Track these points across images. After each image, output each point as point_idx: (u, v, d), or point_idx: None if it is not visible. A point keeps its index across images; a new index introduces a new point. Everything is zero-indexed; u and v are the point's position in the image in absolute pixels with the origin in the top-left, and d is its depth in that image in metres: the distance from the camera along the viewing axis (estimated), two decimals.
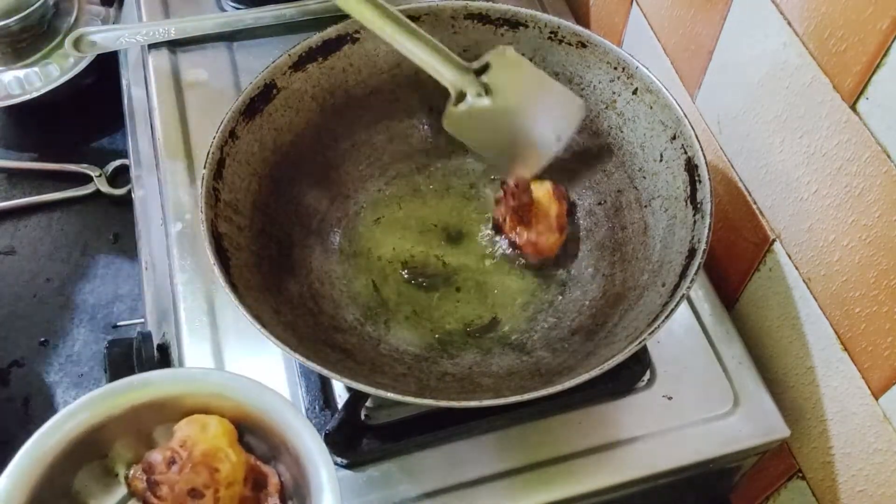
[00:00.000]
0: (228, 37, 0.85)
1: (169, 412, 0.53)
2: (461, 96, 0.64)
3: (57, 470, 0.50)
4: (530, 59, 0.67)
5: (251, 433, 0.54)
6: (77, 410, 0.51)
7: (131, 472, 0.53)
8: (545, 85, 0.65)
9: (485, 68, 0.64)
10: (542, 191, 0.65)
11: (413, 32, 0.62)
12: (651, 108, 0.63)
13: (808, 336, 0.62)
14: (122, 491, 0.54)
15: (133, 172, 0.88)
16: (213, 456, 0.51)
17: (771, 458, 0.69)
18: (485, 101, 0.64)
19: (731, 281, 0.71)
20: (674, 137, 0.61)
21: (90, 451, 0.52)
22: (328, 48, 0.65)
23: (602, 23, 0.86)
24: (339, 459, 0.60)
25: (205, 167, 0.58)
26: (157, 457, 0.51)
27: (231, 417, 0.53)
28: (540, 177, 0.66)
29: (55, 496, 0.51)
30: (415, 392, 0.51)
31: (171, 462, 0.51)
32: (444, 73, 0.63)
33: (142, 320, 0.79)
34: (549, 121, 0.65)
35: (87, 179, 0.98)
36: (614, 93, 0.65)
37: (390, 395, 0.50)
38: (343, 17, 0.67)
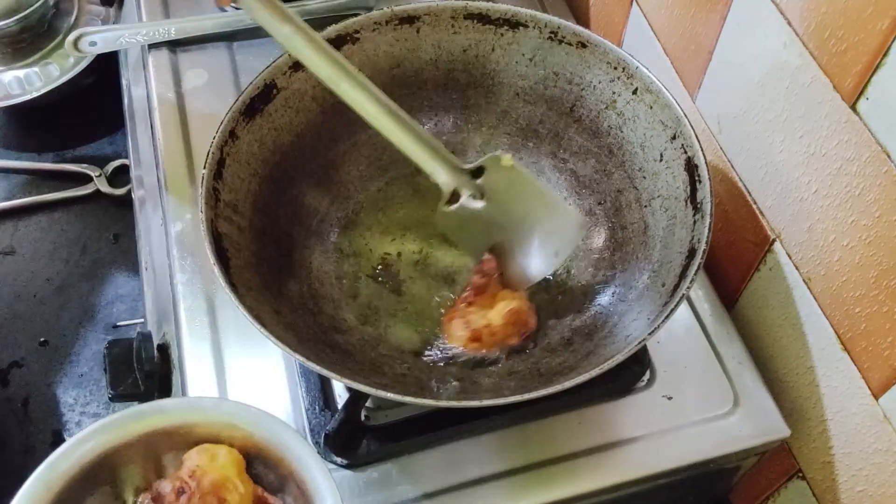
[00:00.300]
0: (228, 37, 0.85)
1: (179, 440, 0.53)
2: (454, 196, 0.61)
3: (66, 496, 0.51)
4: (530, 60, 0.67)
5: (260, 463, 0.54)
6: (89, 437, 0.52)
7: (140, 499, 0.53)
8: (544, 197, 0.62)
9: (480, 171, 0.61)
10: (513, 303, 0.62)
11: (411, 128, 0.59)
12: (651, 108, 0.63)
13: (808, 336, 0.62)
14: None
15: (133, 172, 0.88)
16: (221, 486, 0.51)
17: (771, 458, 0.69)
18: (478, 205, 0.62)
19: (731, 281, 0.71)
20: (674, 137, 0.61)
21: (99, 477, 0.52)
22: None
23: (602, 23, 0.86)
24: (338, 460, 0.60)
25: (205, 167, 0.58)
26: (166, 487, 0.52)
27: (240, 447, 0.53)
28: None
29: None
30: (415, 392, 0.51)
31: (180, 492, 0.51)
32: (439, 171, 0.61)
33: (142, 320, 0.79)
34: (547, 235, 0.62)
35: (87, 179, 0.98)
36: (614, 93, 0.65)
37: (390, 395, 0.50)
38: (343, 17, 0.67)
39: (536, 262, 0.62)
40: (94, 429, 0.52)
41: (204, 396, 0.62)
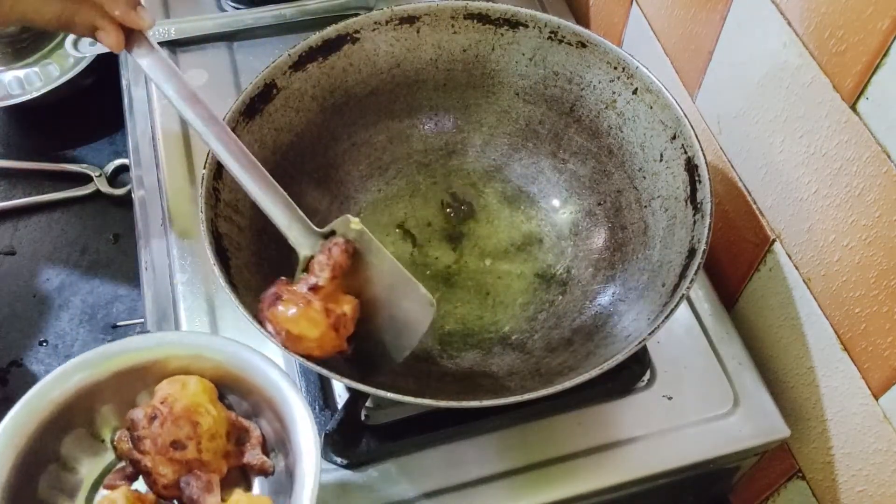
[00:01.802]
0: (228, 37, 0.85)
1: (151, 377, 0.55)
2: (309, 262, 0.54)
3: (43, 435, 0.52)
4: (530, 60, 0.67)
5: (231, 393, 0.56)
6: (59, 377, 0.53)
7: (116, 435, 0.54)
8: (394, 271, 0.54)
9: (332, 235, 0.55)
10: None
11: (272, 188, 0.55)
12: (651, 108, 0.63)
13: (808, 336, 0.62)
14: (109, 456, 0.56)
15: (133, 172, 0.88)
16: (193, 410, 0.52)
17: (771, 459, 0.69)
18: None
19: (731, 281, 0.71)
20: (674, 137, 0.61)
21: (76, 418, 0.54)
22: (328, 48, 0.65)
23: (602, 23, 0.86)
24: (338, 459, 0.60)
25: (205, 167, 0.58)
26: (138, 413, 0.53)
27: (211, 377, 0.55)
28: None
29: (43, 461, 0.53)
30: (414, 392, 0.51)
31: (152, 417, 0.52)
32: (291, 232, 0.55)
33: (142, 320, 0.79)
34: (396, 318, 0.54)
35: (87, 179, 0.98)
36: (614, 93, 0.65)
37: (390, 395, 0.50)
38: (343, 17, 0.67)
39: (390, 341, 0.55)
40: (63, 369, 0.53)
41: (171, 331, 0.63)
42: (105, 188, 0.97)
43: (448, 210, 0.71)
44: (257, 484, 0.56)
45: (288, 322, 0.51)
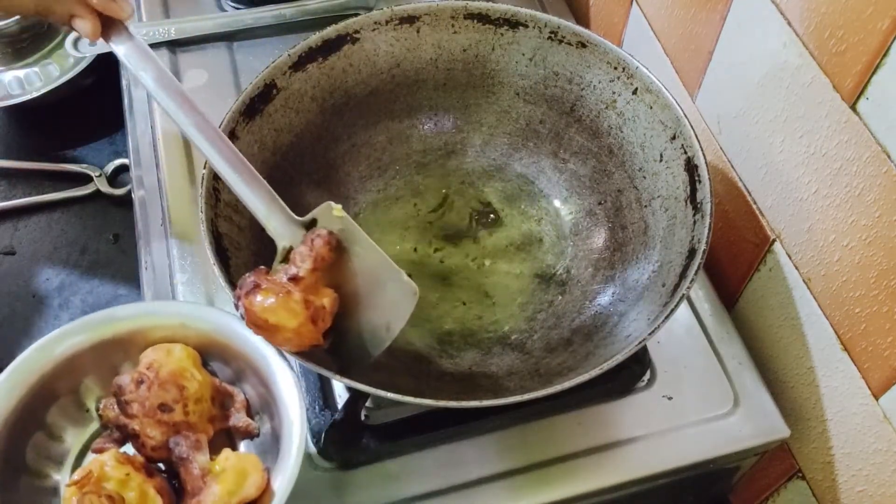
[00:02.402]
0: (228, 37, 0.85)
1: (134, 348, 0.56)
2: (288, 253, 0.53)
3: (29, 403, 0.53)
4: (530, 60, 0.67)
5: (214, 360, 0.58)
6: (45, 346, 0.54)
7: (101, 403, 0.55)
8: (377, 258, 0.53)
9: (312, 225, 0.54)
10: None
11: (246, 169, 0.54)
12: (651, 108, 0.63)
13: (808, 336, 0.62)
14: (95, 425, 0.57)
15: (133, 172, 0.88)
16: (179, 375, 0.54)
17: (771, 459, 0.69)
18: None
19: (731, 281, 0.71)
20: (674, 137, 0.61)
21: (61, 387, 0.55)
22: (328, 48, 0.65)
23: (602, 23, 0.86)
24: (338, 459, 0.60)
25: (205, 167, 0.58)
26: (125, 378, 0.54)
27: (194, 346, 0.56)
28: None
29: (30, 428, 0.54)
30: (414, 392, 0.51)
31: (139, 382, 0.53)
32: (271, 222, 0.54)
33: None
34: (380, 304, 0.53)
35: (87, 179, 0.98)
36: (614, 93, 0.65)
37: (390, 395, 0.50)
38: (343, 16, 0.67)
39: (368, 337, 0.54)
40: (48, 339, 0.55)
41: (157, 301, 0.64)
42: (105, 188, 0.97)
43: (448, 209, 0.71)
44: (243, 447, 0.58)
45: (266, 311, 0.50)
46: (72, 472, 0.55)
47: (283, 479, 0.51)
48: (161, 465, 0.55)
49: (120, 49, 0.57)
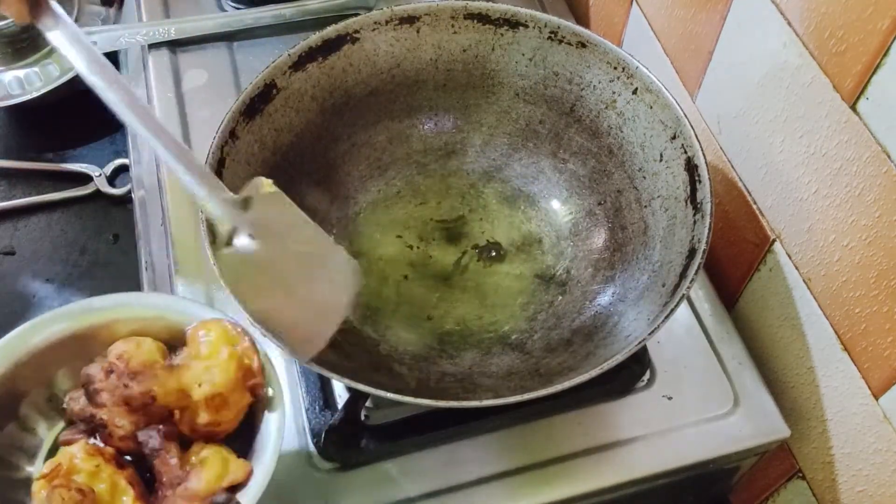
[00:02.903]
0: (228, 37, 0.85)
1: (107, 339, 0.55)
2: (230, 236, 0.51)
3: (1, 394, 0.53)
4: (530, 60, 0.67)
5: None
6: (19, 336, 0.54)
7: (67, 397, 0.54)
8: (314, 233, 0.50)
9: (247, 203, 0.51)
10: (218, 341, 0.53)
11: (184, 154, 0.52)
12: (651, 107, 0.63)
13: (808, 336, 0.62)
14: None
15: (133, 172, 0.88)
16: (149, 367, 0.53)
17: (771, 458, 0.69)
18: (251, 246, 0.51)
19: (731, 281, 0.71)
20: (674, 137, 0.61)
21: (34, 378, 0.55)
22: (328, 48, 0.65)
23: (602, 23, 0.86)
24: (338, 459, 0.60)
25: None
26: (94, 368, 0.52)
27: (165, 340, 0.55)
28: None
29: (2, 420, 0.53)
30: (414, 392, 0.51)
31: (109, 371, 0.52)
32: (212, 203, 0.50)
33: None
34: (322, 286, 0.52)
35: (87, 179, 0.98)
36: (614, 93, 0.65)
37: (390, 395, 0.50)
38: (343, 16, 0.67)
39: (316, 320, 0.52)
40: (23, 328, 0.54)
41: (130, 293, 0.62)
42: (105, 188, 0.97)
43: (448, 209, 0.71)
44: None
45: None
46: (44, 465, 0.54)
47: (261, 470, 0.50)
48: (128, 457, 0.53)
49: (50, 34, 0.55)
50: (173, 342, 0.56)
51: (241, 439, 0.54)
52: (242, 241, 0.51)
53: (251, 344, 0.53)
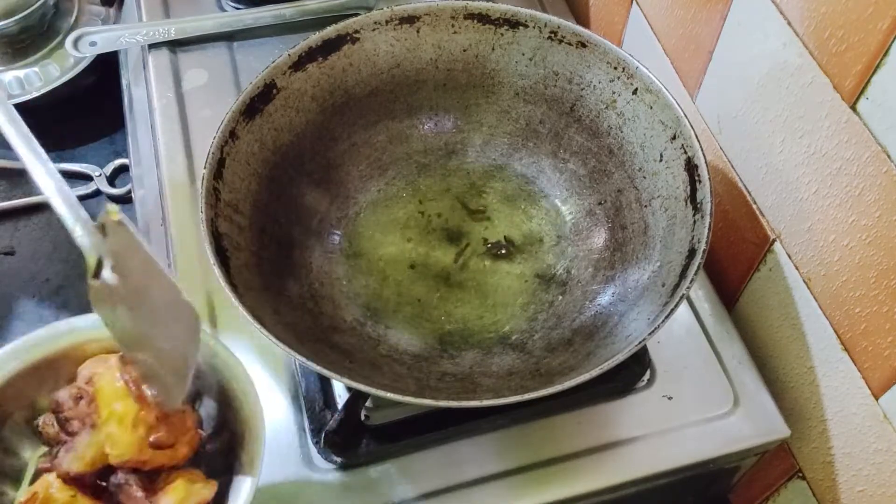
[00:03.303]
0: (228, 37, 0.85)
1: (81, 361, 0.53)
2: (99, 266, 0.47)
3: None
4: (530, 59, 0.67)
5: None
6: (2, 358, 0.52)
7: (41, 420, 0.52)
8: (154, 277, 0.45)
9: (104, 230, 0.47)
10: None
11: (52, 171, 0.49)
12: (651, 107, 0.63)
13: (808, 336, 0.62)
14: None
15: (133, 172, 0.88)
16: (121, 389, 0.49)
17: (771, 458, 0.69)
18: (111, 280, 0.47)
19: (731, 281, 0.71)
20: (674, 137, 0.61)
21: (15, 402, 0.53)
22: (328, 48, 0.65)
23: (602, 23, 0.86)
24: (338, 459, 0.60)
25: (205, 167, 0.58)
26: (63, 394, 0.50)
27: None
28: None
29: None
30: (414, 392, 0.51)
31: (78, 398, 0.50)
32: (78, 230, 0.48)
33: None
34: (169, 331, 0.47)
35: (87, 179, 0.98)
36: (614, 93, 0.65)
37: (390, 395, 0.50)
38: (343, 16, 0.67)
39: (169, 369, 0.47)
40: (4, 352, 0.52)
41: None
42: (105, 188, 0.97)
43: (448, 209, 0.71)
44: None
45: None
46: None
47: (245, 489, 0.48)
48: (105, 483, 0.51)
49: None
50: None
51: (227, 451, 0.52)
52: (107, 270, 0.47)
53: (140, 396, 0.49)
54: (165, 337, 0.47)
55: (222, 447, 0.53)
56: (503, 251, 0.67)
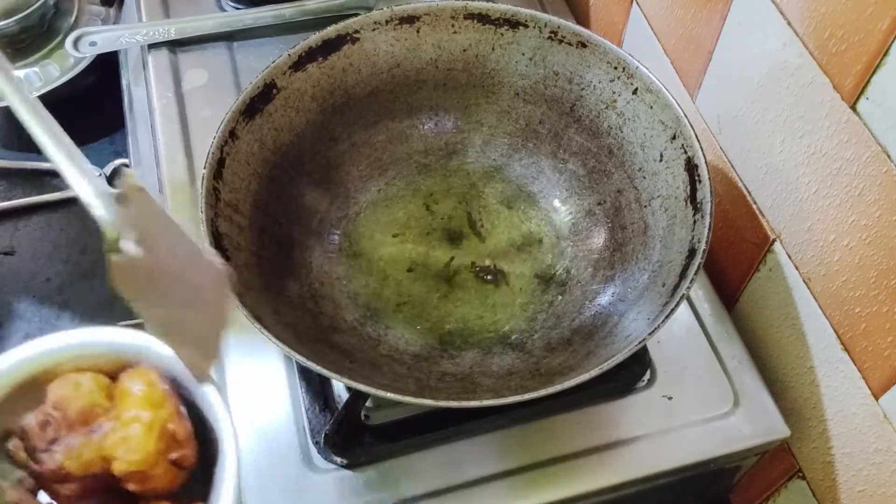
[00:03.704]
0: (228, 37, 0.85)
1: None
2: (118, 239, 0.46)
3: None
4: (530, 59, 0.67)
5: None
6: None
7: (11, 444, 0.49)
8: (180, 243, 0.45)
9: (124, 200, 0.46)
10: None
11: (70, 152, 0.46)
12: (651, 107, 0.63)
13: (808, 336, 0.62)
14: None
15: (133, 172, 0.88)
16: (90, 412, 0.48)
17: (771, 458, 0.69)
18: (133, 250, 0.45)
19: (731, 281, 0.71)
20: (674, 137, 0.61)
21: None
22: (328, 48, 0.65)
23: (602, 23, 0.86)
24: (338, 459, 0.60)
25: (205, 167, 0.58)
26: (29, 420, 0.48)
27: (108, 371, 0.51)
28: None
29: None
30: (414, 392, 0.51)
31: (45, 424, 0.48)
32: (97, 203, 0.45)
33: (142, 320, 0.79)
34: (198, 297, 0.46)
35: None
36: (614, 93, 0.65)
37: (390, 395, 0.50)
38: (343, 16, 0.67)
39: (207, 329, 0.48)
40: None
41: (67, 331, 0.55)
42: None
43: (448, 209, 0.71)
44: None
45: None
46: None
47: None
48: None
49: None
50: (121, 371, 0.51)
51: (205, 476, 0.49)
52: (128, 244, 0.45)
53: (176, 409, 0.48)
54: (194, 303, 0.45)
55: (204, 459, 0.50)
56: (489, 276, 0.67)
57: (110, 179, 0.98)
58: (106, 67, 0.96)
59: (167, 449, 0.47)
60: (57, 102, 0.98)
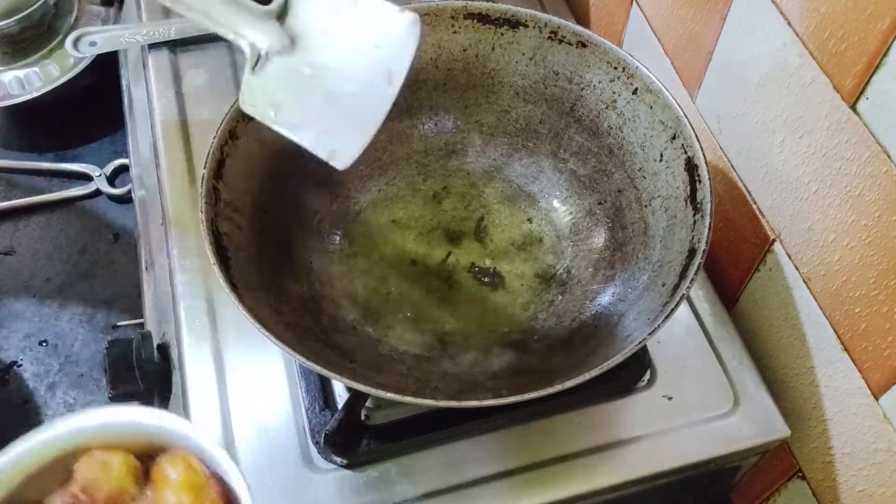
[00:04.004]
0: None
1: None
2: (260, 58, 0.47)
3: None
4: (530, 59, 0.67)
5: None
6: (10, 462, 0.47)
7: None
8: (360, 5, 0.45)
9: (284, 10, 0.47)
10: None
11: None
12: (651, 107, 0.63)
13: (808, 336, 0.62)
14: None
15: (133, 172, 0.88)
16: (118, 498, 0.47)
17: (771, 458, 0.69)
18: (291, 58, 0.47)
19: (731, 281, 0.71)
20: (674, 137, 0.61)
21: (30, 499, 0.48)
22: None
23: (602, 23, 0.86)
24: (338, 459, 0.60)
25: (205, 167, 0.58)
26: (57, 502, 0.47)
27: (137, 450, 0.49)
28: None
29: None
30: (414, 392, 0.51)
31: None
32: (240, 25, 0.45)
33: (142, 320, 0.79)
34: (374, 59, 0.46)
35: (87, 179, 0.98)
36: (614, 93, 0.65)
37: (390, 395, 0.50)
38: None
39: (371, 97, 0.46)
40: (14, 453, 0.47)
41: (90, 412, 0.52)
42: (105, 188, 0.97)
43: (448, 209, 0.71)
44: None
45: None
46: None
47: None
48: None
49: None
50: (149, 452, 0.49)
51: None
52: (273, 60, 0.46)
53: (218, 493, 0.47)
54: (366, 62, 0.44)
55: None
56: (486, 279, 0.67)
57: (111, 179, 0.98)
58: (106, 67, 0.96)
59: None
60: (57, 102, 0.99)
